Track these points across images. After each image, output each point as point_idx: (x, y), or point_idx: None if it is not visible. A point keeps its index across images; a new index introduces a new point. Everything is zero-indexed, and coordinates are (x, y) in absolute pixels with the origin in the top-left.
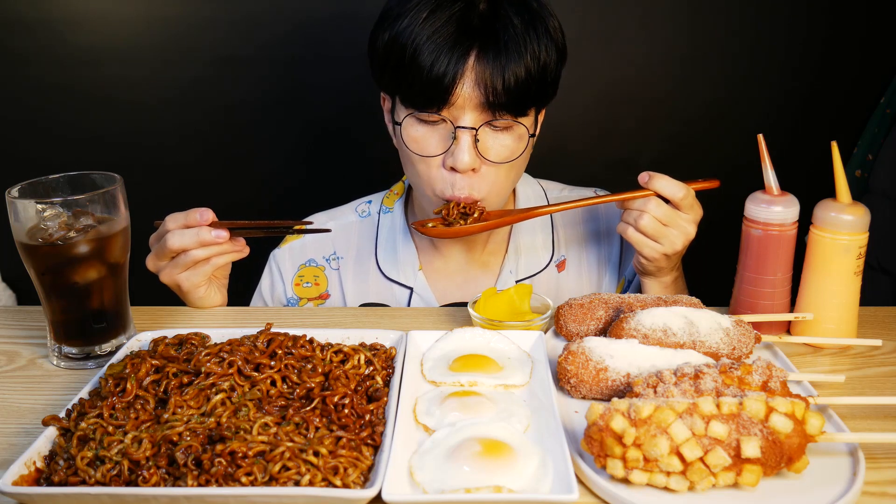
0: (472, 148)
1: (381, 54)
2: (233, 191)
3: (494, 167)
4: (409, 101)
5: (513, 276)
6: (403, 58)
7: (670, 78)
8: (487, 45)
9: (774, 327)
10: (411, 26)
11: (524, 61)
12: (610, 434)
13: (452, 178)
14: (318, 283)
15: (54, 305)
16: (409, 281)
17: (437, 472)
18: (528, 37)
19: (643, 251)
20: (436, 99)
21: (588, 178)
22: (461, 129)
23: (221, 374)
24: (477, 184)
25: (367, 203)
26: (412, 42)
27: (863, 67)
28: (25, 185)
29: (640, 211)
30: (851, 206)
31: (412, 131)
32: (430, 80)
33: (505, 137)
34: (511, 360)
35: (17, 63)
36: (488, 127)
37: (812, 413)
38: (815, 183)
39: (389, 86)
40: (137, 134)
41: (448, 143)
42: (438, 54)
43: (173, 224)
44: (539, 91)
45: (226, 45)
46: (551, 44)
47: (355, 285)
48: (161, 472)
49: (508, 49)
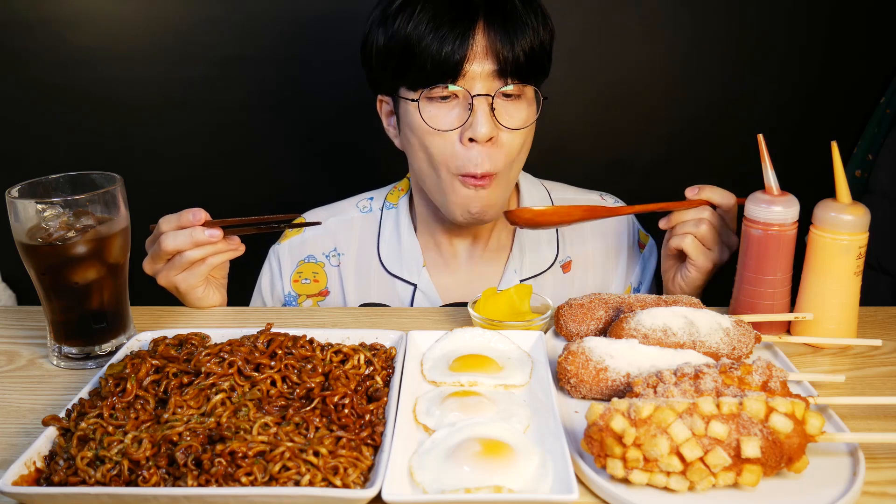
0: (490, 116)
1: (381, 52)
2: (233, 191)
3: (510, 136)
4: (421, 83)
5: (517, 276)
6: (409, 47)
7: (670, 78)
8: (493, 17)
9: (774, 327)
10: (409, 16)
11: (527, 34)
12: (610, 434)
13: (469, 153)
14: (317, 279)
15: (54, 305)
16: (413, 277)
17: (437, 472)
18: (527, 12)
19: (698, 261)
20: (449, 74)
21: (588, 178)
22: (478, 97)
23: (221, 374)
24: (494, 155)
25: (368, 199)
26: (415, 29)
27: (863, 67)
28: (25, 185)
29: (697, 219)
30: (851, 206)
31: (427, 111)
32: (442, 58)
33: (517, 105)
34: (511, 360)
35: (17, 63)
36: (501, 97)
37: (812, 413)
38: (815, 183)
39: (393, 81)
40: (137, 134)
41: (464, 116)
42: (445, 32)
43: (167, 226)
44: (539, 62)
45: (226, 45)
46: (546, 21)
47: (357, 281)
48: (161, 472)
49: (513, 19)
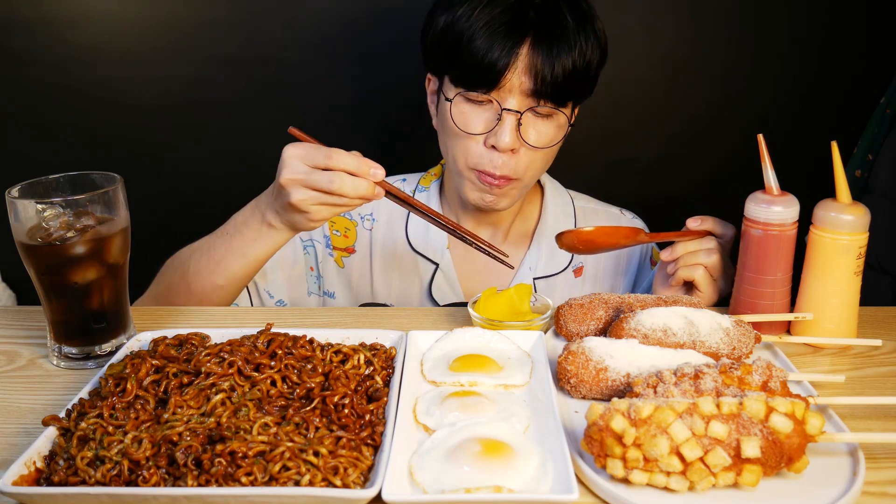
0: (515, 130)
1: (437, 37)
2: (234, 191)
3: (531, 151)
4: (461, 82)
5: (531, 273)
6: (460, 42)
7: (670, 78)
8: (541, 36)
9: (774, 327)
10: (469, 13)
11: (573, 56)
12: (610, 434)
13: (491, 156)
14: (347, 235)
15: (54, 305)
16: (437, 257)
17: (437, 472)
18: (578, 33)
19: (707, 292)
20: (487, 81)
21: (588, 178)
22: (507, 111)
23: (221, 374)
24: (514, 163)
25: (401, 181)
26: (469, 27)
27: (863, 67)
28: (25, 185)
29: (707, 250)
30: (851, 206)
31: (459, 109)
32: (485, 65)
33: (545, 124)
34: (511, 360)
35: (17, 63)
36: (531, 113)
37: (812, 413)
38: (815, 183)
39: (440, 66)
40: (137, 134)
41: (492, 124)
42: (494, 41)
43: (348, 164)
44: (581, 86)
45: (226, 45)
46: (597, 44)
47: (383, 250)
48: (161, 472)
49: (560, 42)
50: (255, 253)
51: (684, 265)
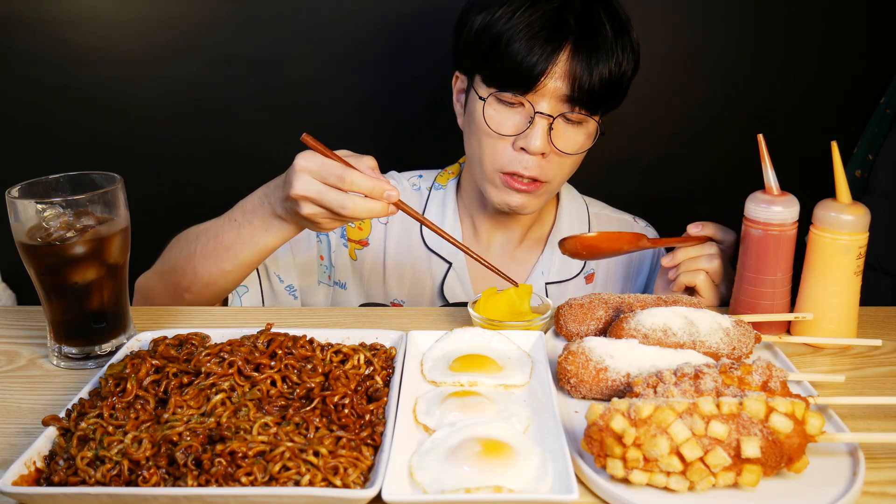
0: (546, 134)
1: (472, 36)
2: (235, 191)
3: (559, 157)
4: (494, 82)
5: (543, 278)
6: (498, 43)
7: (670, 78)
8: (581, 43)
9: (774, 327)
10: (509, 15)
11: (609, 65)
12: (610, 434)
13: (521, 157)
14: (361, 228)
15: (54, 305)
16: (451, 256)
17: (437, 472)
18: (616, 43)
19: (708, 297)
20: (524, 84)
21: (588, 178)
22: (540, 115)
23: (221, 374)
24: (544, 166)
25: (417, 177)
26: (509, 29)
27: (863, 67)
28: (25, 185)
29: (709, 255)
30: (851, 206)
31: (491, 110)
32: (523, 68)
33: (575, 131)
34: (511, 360)
35: (17, 63)
36: (562, 119)
37: (812, 413)
38: (815, 183)
39: (473, 66)
40: (137, 134)
41: (522, 126)
42: (534, 44)
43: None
44: (614, 95)
45: (226, 45)
46: (632, 55)
47: (397, 245)
48: (161, 472)
49: (599, 50)
50: (264, 242)
51: (686, 270)
